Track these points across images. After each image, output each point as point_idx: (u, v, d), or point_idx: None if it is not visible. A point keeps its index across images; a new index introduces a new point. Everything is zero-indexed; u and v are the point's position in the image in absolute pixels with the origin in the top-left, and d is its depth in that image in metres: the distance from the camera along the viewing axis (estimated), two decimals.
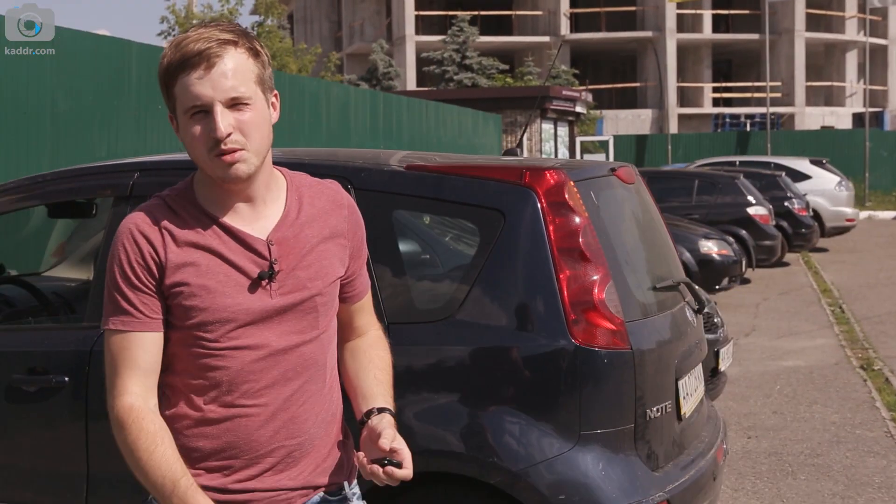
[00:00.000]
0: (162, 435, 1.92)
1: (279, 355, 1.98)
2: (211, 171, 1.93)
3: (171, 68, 1.90)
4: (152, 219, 1.97)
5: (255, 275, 1.95)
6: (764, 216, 14.73)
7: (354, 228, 2.11)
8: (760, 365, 8.84)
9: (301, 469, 2.03)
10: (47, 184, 3.97)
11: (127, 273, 1.94)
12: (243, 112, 1.90)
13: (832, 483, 5.58)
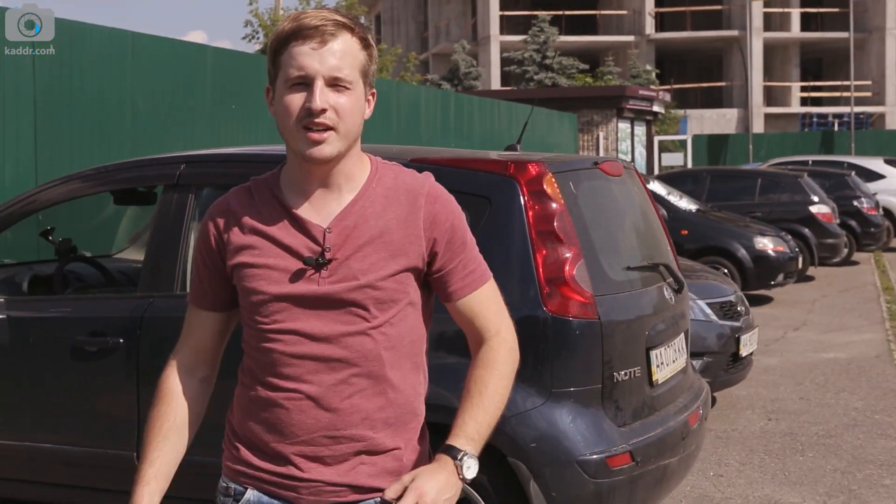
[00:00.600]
0: (167, 417, 2.05)
1: (323, 343, 1.97)
2: (294, 144, 1.94)
3: (285, 36, 1.92)
4: (227, 203, 2.04)
5: (303, 260, 1.96)
6: (827, 215, 14.87)
7: (434, 220, 2.02)
8: (801, 356, 9.13)
9: (349, 465, 1.99)
10: (109, 173, 4.59)
11: (199, 251, 2.05)
12: (342, 94, 1.91)
13: (836, 460, 5.94)
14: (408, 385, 2.04)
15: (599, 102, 25.58)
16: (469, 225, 3.90)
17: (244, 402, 2.04)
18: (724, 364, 6.76)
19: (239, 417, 2.05)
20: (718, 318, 6.80)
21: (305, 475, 1.98)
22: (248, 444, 2.02)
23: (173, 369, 2.08)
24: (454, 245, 2.04)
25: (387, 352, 1.99)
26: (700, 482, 5.55)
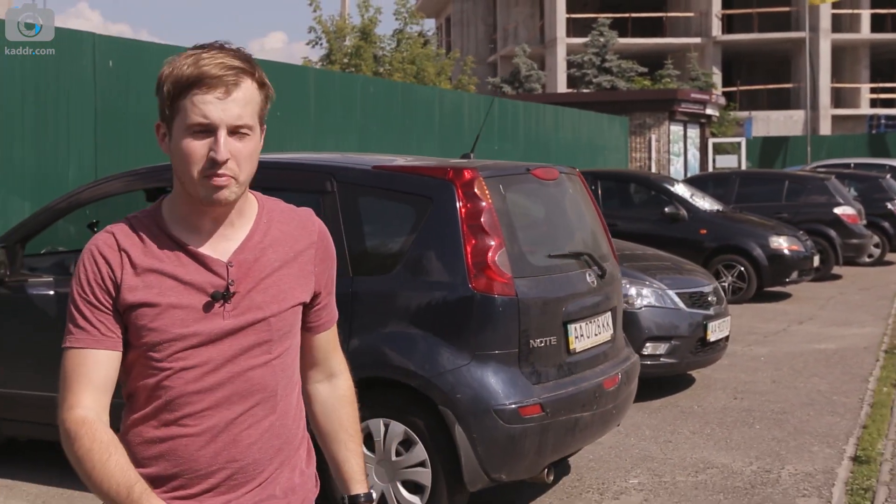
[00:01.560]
0: (115, 445, 1.91)
1: (225, 377, 1.99)
2: (194, 190, 1.94)
3: (186, 82, 1.92)
4: (113, 240, 2.00)
5: (209, 296, 1.97)
6: (852, 216, 15.43)
7: (323, 257, 2.12)
8: (793, 347, 9.83)
9: (246, 493, 2.03)
10: (141, 176, 5.59)
11: (85, 292, 1.97)
12: (241, 141, 1.94)
13: (779, 431, 6.70)
14: (296, 412, 2.11)
15: (652, 106, 26.22)
16: (414, 220, 4.84)
17: (139, 435, 2.01)
18: (691, 347, 7.56)
19: (136, 448, 2.01)
20: (687, 307, 7.60)
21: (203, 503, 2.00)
22: (145, 473, 1.97)
23: (84, 410, 1.92)
24: (330, 282, 2.16)
25: (282, 381, 2.05)
26: (649, 446, 6.36)
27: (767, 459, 6.07)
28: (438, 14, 58.55)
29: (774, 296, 13.54)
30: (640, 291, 7.43)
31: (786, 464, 6.00)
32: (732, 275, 12.87)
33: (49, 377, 5.57)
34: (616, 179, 14.14)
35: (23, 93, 8.13)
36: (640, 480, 5.70)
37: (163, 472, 1.99)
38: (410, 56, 25.28)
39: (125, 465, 1.88)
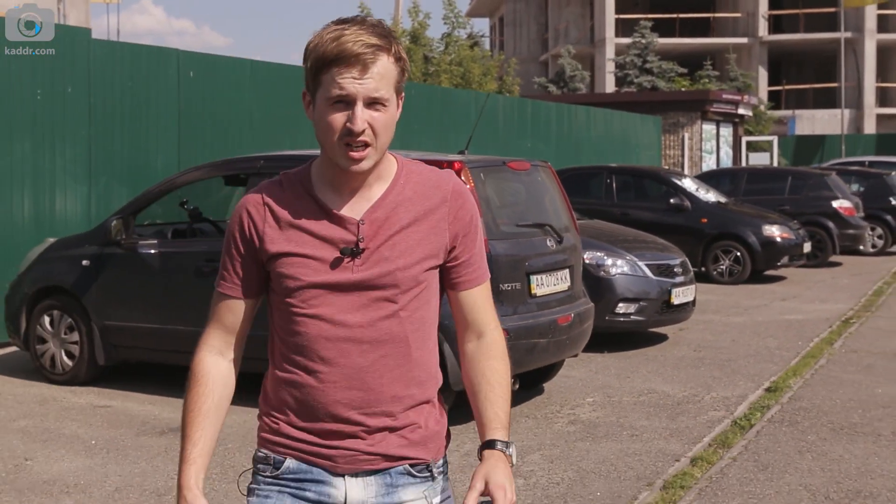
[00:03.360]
0: (207, 396, 2.16)
1: (355, 327, 2.11)
2: (336, 157, 2.08)
3: (326, 58, 2.04)
4: (262, 196, 2.17)
5: (340, 251, 2.10)
6: (849, 209, 16.97)
7: (457, 215, 2.18)
8: (765, 317, 11.48)
9: (380, 437, 2.15)
10: (219, 165, 7.50)
11: (230, 243, 2.18)
12: (378, 111, 2.06)
13: (718, 371, 8.41)
14: (429, 364, 2.20)
15: (685, 105, 27.77)
16: None
17: (278, 381, 2.18)
18: (657, 308, 9.32)
19: (274, 395, 2.19)
20: (654, 276, 9.35)
21: (341, 445, 2.14)
22: (285, 418, 2.16)
23: (206, 353, 2.19)
24: (469, 240, 2.20)
25: (412, 334, 2.14)
26: (611, 380, 8.13)
27: (699, 389, 7.82)
28: (492, 13, 59.99)
29: (771, 278, 15.17)
30: (615, 262, 9.21)
31: (711, 391, 7.74)
32: (730, 259, 14.53)
33: (152, 314, 7.51)
34: (630, 174, 15.83)
35: (121, 97, 10.11)
36: (594, 399, 7.48)
37: (302, 413, 2.15)
38: (458, 58, 27.05)
39: (200, 423, 2.14)
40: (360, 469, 2.15)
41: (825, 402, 7.33)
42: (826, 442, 6.31)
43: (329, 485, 2.16)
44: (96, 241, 7.53)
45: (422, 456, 2.19)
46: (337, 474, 2.16)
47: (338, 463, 2.15)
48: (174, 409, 7.02)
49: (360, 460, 2.15)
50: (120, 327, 7.46)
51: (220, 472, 5.61)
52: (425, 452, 2.19)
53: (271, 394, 2.21)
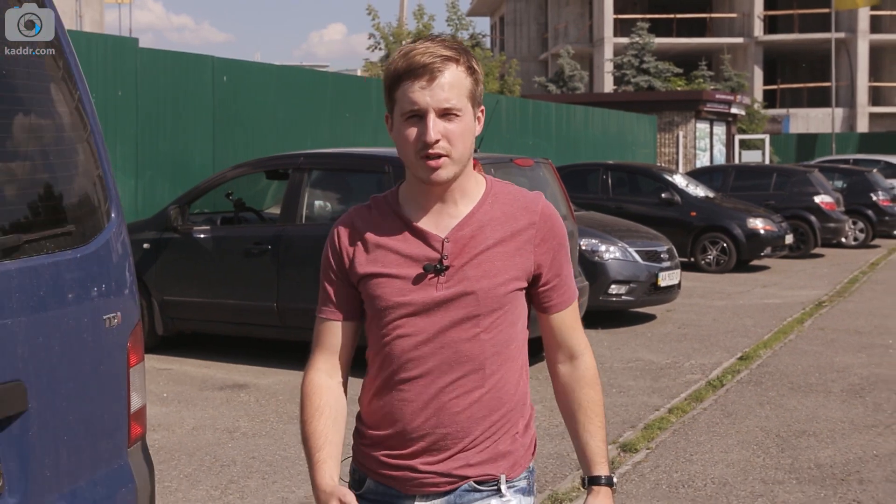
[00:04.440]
0: (322, 410, 2.19)
1: (436, 347, 2.13)
2: (415, 171, 2.12)
3: (398, 75, 2.09)
4: (351, 220, 2.23)
5: (423, 268, 2.13)
6: (830, 203, 18.10)
7: (545, 238, 2.18)
8: (746, 301, 12.61)
9: (450, 458, 2.16)
10: (262, 161, 8.63)
11: (325, 269, 2.25)
12: (452, 122, 2.09)
13: (699, 344, 9.53)
14: (509, 387, 2.19)
15: (679, 105, 28.89)
16: None
17: (368, 397, 2.24)
18: (646, 289, 10.46)
19: (366, 409, 2.25)
20: (643, 261, 10.49)
21: (411, 464, 2.17)
22: (370, 432, 2.22)
23: (314, 374, 2.23)
24: (557, 263, 2.21)
25: (491, 357, 2.15)
26: (603, 350, 9.25)
27: (680, 357, 8.95)
28: (493, 13, 60.84)
29: (755, 268, 16.30)
30: (608, 248, 10.35)
31: (690, 359, 8.87)
32: (717, 249, 15.65)
33: (206, 290, 8.59)
34: (625, 170, 16.94)
35: (164, 100, 11.24)
36: None
37: (382, 431, 2.18)
38: None
39: (320, 431, 2.16)
40: (427, 491, 2.18)
41: (788, 368, 8.47)
42: (784, 397, 7.45)
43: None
44: (156, 226, 8.66)
45: (489, 472, 2.19)
46: (407, 496, 2.20)
47: (408, 485, 2.18)
48: (227, 371, 8.16)
49: (430, 482, 2.17)
50: (177, 302, 8.58)
51: None
52: (494, 468, 2.19)
53: (363, 405, 2.27)
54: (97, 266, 2.55)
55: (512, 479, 2.20)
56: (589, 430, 2.23)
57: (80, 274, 2.50)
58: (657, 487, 5.45)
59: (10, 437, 2.26)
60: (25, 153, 2.43)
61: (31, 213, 2.41)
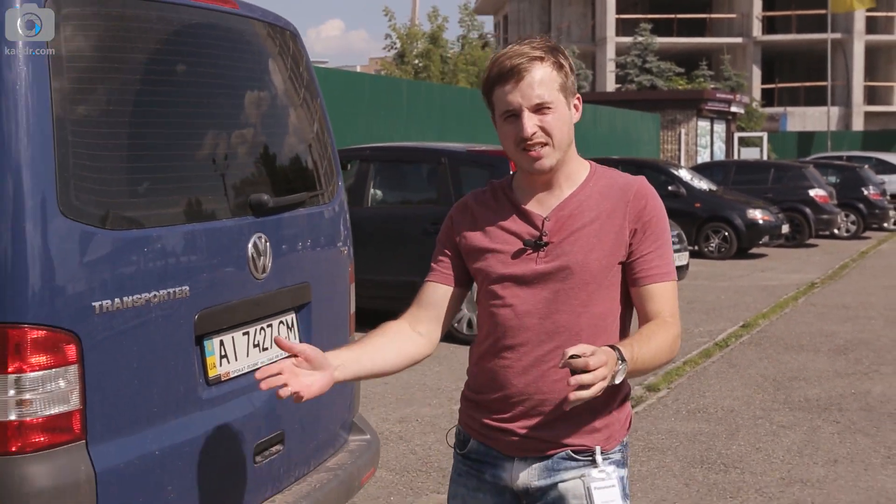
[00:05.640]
0: (383, 332, 2.40)
1: (535, 317, 2.28)
2: (519, 163, 2.30)
3: (490, 81, 2.29)
4: (467, 201, 2.46)
5: (524, 243, 2.30)
6: (823, 197, 19.48)
7: (639, 215, 2.29)
8: (746, 283, 13.97)
9: (547, 424, 2.29)
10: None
11: (438, 241, 2.47)
12: (546, 114, 2.24)
13: (705, 316, 10.88)
14: None
15: (681, 104, 30.25)
16: (487, 178, 9.03)
17: (474, 360, 2.43)
18: None
19: (471, 373, 2.45)
20: None
21: (508, 428, 2.33)
22: (474, 395, 2.41)
23: (396, 320, 2.44)
24: (649, 237, 2.30)
25: (587, 328, 2.28)
26: None
27: (689, 325, 10.31)
28: (496, 12, 61.86)
29: (754, 255, 17.68)
30: None
31: (699, 327, 10.24)
32: (719, 237, 17.03)
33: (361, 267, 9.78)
34: (632, 165, 18.29)
35: None
36: None
37: (485, 395, 2.37)
38: (472, 58, 29.45)
39: (370, 339, 2.38)
40: (528, 454, 2.33)
41: (783, 333, 9.85)
42: (780, 354, 8.83)
43: (501, 468, 2.37)
44: None
45: (586, 443, 2.31)
46: (506, 457, 2.35)
47: (507, 446, 2.34)
48: None
49: (528, 446, 2.32)
50: None
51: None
52: (590, 440, 2.31)
53: (469, 370, 2.45)
54: (336, 215, 3.90)
55: (607, 452, 2.33)
56: (635, 338, 2.23)
57: (331, 219, 3.85)
58: (678, 413, 6.82)
59: (302, 316, 3.60)
60: (298, 139, 3.78)
61: (308, 179, 3.75)
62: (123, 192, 2.88)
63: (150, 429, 2.85)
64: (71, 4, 2.74)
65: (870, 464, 5.70)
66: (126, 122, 2.93)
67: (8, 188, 2.54)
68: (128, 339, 2.78)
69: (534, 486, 2.33)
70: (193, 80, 3.21)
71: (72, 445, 2.63)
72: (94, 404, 2.67)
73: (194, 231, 3.05)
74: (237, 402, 3.20)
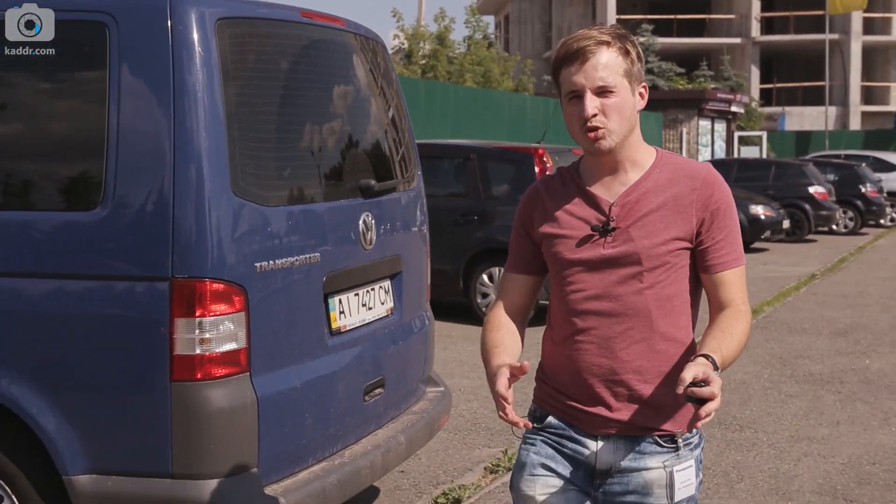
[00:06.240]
0: (500, 326, 2.45)
1: (606, 301, 2.33)
2: (581, 144, 2.34)
3: (557, 62, 2.32)
4: (536, 189, 2.48)
5: (592, 229, 2.33)
6: (823, 193, 20.20)
7: (707, 202, 2.32)
8: (751, 274, 14.45)
9: (624, 406, 2.35)
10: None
11: (514, 230, 2.51)
12: (608, 98, 2.27)
13: None
14: (678, 338, 2.36)
15: (683, 104, 30.97)
16: (514, 173, 9.74)
17: (549, 344, 2.46)
18: None
19: (546, 356, 2.48)
20: None
21: (589, 409, 2.37)
22: (552, 378, 2.44)
23: (497, 310, 2.50)
24: (718, 225, 2.33)
25: (656, 309, 2.33)
26: None
27: (701, 313, 10.96)
28: (497, 12, 62.38)
29: (756, 249, 18.38)
30: None
31: (706, 313, 10.90)
32: None
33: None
34: None
35: None
36: None
37: (562, 377, 2.42)
38: (478, 59, 30.09)
39: (499, 339, 2.42)
40: (609, 433, 2.37)
41: (787, 319, 10.56)
42: (784, 336, 9.54)
43: (582, 444, 2.40)
44: None
45: (667, 428, 2.35)
46: (589, 436, 2.39)
47: (587, 425, 2.39)
48: None
49: (608, 425, 2.37)
50: None
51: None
52: (671, 425, 2.35)
53: (545, 355, 2.49)
54: (416, 199, 4.60)
55: (687, 436, 2.38)
56: (717, 337, 2.27)
57: (414, 202, 4.54)
58: None
59: (395, 284, 4.28)
60: (391, 135, 4.47)
61: (398, 168, 4.44)
62: (273, 176, 3.59)
63: (292, 366, 3.55)
64: (234, 27, 3.44)
65: (868, 425, 6.41)
66: (273, 120, 3.64)
67: (191, 174, 3.24)
68: (278, 294, 3.48)
69: (619, 466, 2.38)
70: (318, 84, 3.92)
71: (240, 376, 3.33)
72: (255, 344, 3.37)
73: (322, 209, 3.76)
74: (351, 350, 3.90)
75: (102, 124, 3.28)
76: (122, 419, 3.30)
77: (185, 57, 3.26)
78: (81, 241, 3.30)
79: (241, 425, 3.31)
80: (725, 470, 5.52)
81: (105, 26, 3.31)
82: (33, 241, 3.36)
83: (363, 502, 4.92)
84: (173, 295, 3.22)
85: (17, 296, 3.35)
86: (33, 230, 3.37)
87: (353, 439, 3.89)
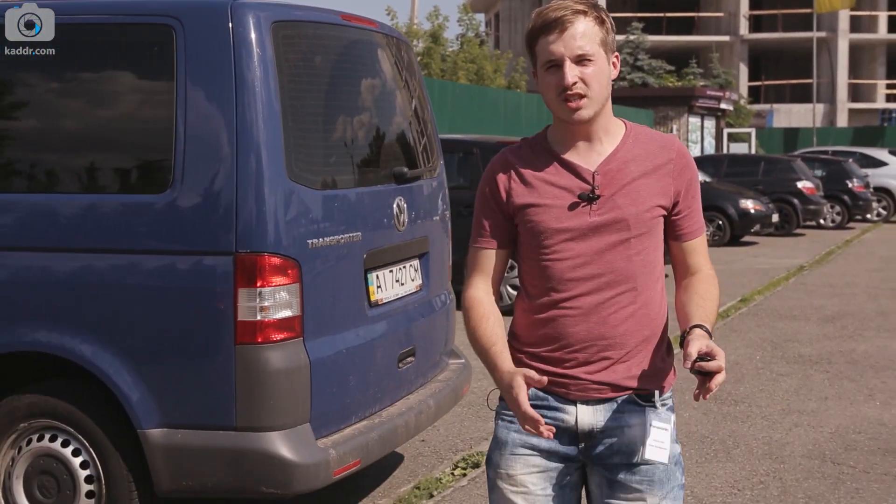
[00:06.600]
0: (488, 315, 2.42)
1: (593, 268, 2.35)
2: (558, 113, 2.34)
3: (534, 31, 2.33)
4: (505, 158, 2.44)
5: (577, 197, 2.34)
6: (810, 188, 20.68)
7: (681, 171, 2.40)
8: (740, 266, 15.11)
9: (611, 369, 2.38)
10: None
11: (482, 202, 2.45)
12: (587, 66, 2.29)
13: None
14: (656, 303, 2.42)
15: (673, 101, 31.44)
16: None
17: (524, 316, 2.45)
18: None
19: (520, 328, 2.47)
20: None
21: (575, 373, 2.39)
22: (529, 350, 2.43)
23: (475, 290, 2.47)
24: (689, 196, 2.44)
25: (642, 275, 2.38)
26: None
27: None
28: (488, 10, 62.81)
29: (746, 243, 18.85)
30: None
31: None
32: (713, 226, 18.18)
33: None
34: None
35: None
36: None
37: (543, 347, 2.41)
38: (470, 55, 30.49)
39: (491, 331, 2.40)
40: (591, 397, 2.40)
41: (776, 306, 11.01)
42: (774, 321, 9.98)
43: (562, 411, 2.42)
44: None
45: (646, 386, 2.40)
46: (569, 401, 2.41)
47: (570, 390, 2.40)
48: None
49: (591, 389, 2.39)
50: None
51: None
52: (649, 384, 2.41)
53: (519, 330, 2.47)
54: (440, 187, 5.01)
55: (663, 397, 2.44)
56: (700, 304, 2.40)
57: (438, 189, 4.96)
58: None
59: (423, 263, 4.70)
60: (417, 127, 4.88)
61: (424, 158, 4.85)
62: (321, 162, 4.01)
63: (338, 334, 3.96)
64: (286, 28, 3.86)
65: (854, 400, 6.85)
66: (319, 112, 4.06)
67: (251, 161, 3.65)
68: (327, 268, 3.89)
69: (599, 426, 2.41)
70: (356, 80, 4.34)
71: (295, 340, 3.74)
72: (307, 312, 3.78)
73: (362, 192, 4.18)
74: (386, 321, 4.32)
75: (171, 117, 3.68)
76: (190, 379, 3.71)
77: (244, 55, 3.67)
78: (154, 221, 3.71)
79: (296, 384, 3.71)
80: (722, 438, 5.95)
81: (172, 29, 3.71)
82: (111, 221, 3.77)
83: (390, 467, 5.34)
84: (237, 267, 3.63)
85: (97, 270, 3.76)
86: (111, 211, 3.77)
87: (389, 402, 4.30)
